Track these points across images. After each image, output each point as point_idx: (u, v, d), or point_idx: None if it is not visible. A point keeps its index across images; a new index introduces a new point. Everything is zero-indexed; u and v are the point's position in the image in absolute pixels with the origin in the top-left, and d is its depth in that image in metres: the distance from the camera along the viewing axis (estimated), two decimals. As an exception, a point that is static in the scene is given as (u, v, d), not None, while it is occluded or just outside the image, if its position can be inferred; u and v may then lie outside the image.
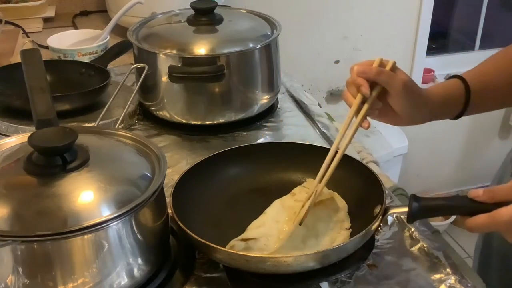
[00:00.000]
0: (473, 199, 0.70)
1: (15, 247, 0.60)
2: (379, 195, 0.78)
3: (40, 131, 0.70)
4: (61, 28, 1.60)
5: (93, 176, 0.68)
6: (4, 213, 0.62)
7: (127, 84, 1.14)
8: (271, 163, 0.92)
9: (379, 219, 0.75)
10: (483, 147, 2.79)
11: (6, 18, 1.49)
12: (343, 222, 0.82)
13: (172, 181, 0.84)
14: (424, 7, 2.32)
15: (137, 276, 0.69)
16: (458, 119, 0.94)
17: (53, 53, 1.33)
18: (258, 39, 1.10)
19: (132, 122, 1.13)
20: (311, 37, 2.21)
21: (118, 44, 1.31)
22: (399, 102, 0.80)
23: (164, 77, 1.06)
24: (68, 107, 1.08)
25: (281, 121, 1.15)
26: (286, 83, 1.32)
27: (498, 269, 1.05)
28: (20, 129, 1.03)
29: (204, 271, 0.76)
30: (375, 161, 1.06)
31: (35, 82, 0.81)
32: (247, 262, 0.70)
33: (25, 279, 0.62)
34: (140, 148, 0.76)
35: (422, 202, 0.72)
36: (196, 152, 1.04)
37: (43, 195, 0.65)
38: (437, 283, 0.74)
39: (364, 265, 0.76)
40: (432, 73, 2.58)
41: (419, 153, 2.62)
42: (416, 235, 0.81)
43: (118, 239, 0.65)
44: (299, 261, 0.70)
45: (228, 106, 1.10)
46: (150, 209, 0.69)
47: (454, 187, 2.85)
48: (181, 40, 1.09)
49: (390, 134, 2.31)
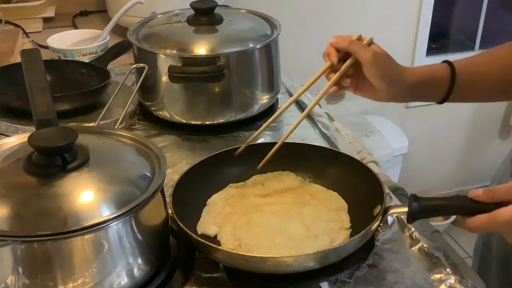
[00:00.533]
0: (473, 199, 0.70)
1: (15, 247, 0.60)
2: (379, 195, 0.78)
3: (40, 131, 0.70)
4: (61, 28, 1.60)
5: (93, 176, 0.68)
6: (4, 213, 0.62)
7: (127, 84, 1.14)
8: (271, 163, 0.92)
9: (379, 219, 0.75)
10: (483, 147, 2.79)
11: (6, 18, 1.49)
12: (343, 222, 0.82)
13: (172, 181, 0.84)
14: (424, 7, 2.32)
15: (137, 276, 0.69)
16: (458, 119, 0.94)
17: (53, 53, 1.33)
18: (258, 39, 1.10)
19: (132, 122, 1.13)
20: (311, 37, 2.21)
21: (118, 44, 1.31)
22: (371, 72, 0.83)
23: (164, 77, 1.06)
24: (68, 107, 1.08)
25: (281, 121, 1.15)
26: (286, 83, 1.32)
27: (498, 269, 1.05)
28: (20, 129, 1.03)
29: (204, 271, 0.76)
30: (375, 161, 1.05)
31: (35, 82, 0.81)
32: (247, 262, 0.70)
33: (25, 279, 0.62)
34: (140, 148, 0.76)
35: (422, 202, 0.72)
36: (196, 152, 1.04)
37: (43, 195, 0.65)
38: (437, 283, 0.74)
39: (364, 265, 0.76)
40: (432, 73, 2.57)
41: (419, 153, 2.62)
42: (416, 235, 0.81)
43: (118, 239, 0.65)
44: (299, 261, 0.70)
45: (228, 106, 1.10)
46: (150, 209, 0.69)
47: (454, 187, 2.85)
48: (181, 40, 1.09)
49: (390, 134, 2.31)
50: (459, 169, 2.84)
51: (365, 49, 0.82)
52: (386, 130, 2.32)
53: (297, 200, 0.86)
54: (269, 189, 0.88)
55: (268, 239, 0.78)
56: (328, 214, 0.83)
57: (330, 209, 0.84)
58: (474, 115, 2.65)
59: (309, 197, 0.87)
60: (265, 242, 0.77)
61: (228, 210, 0.84)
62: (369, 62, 0.82)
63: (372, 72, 0.83)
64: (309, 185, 0.90)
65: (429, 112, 2.58)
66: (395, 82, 0.85)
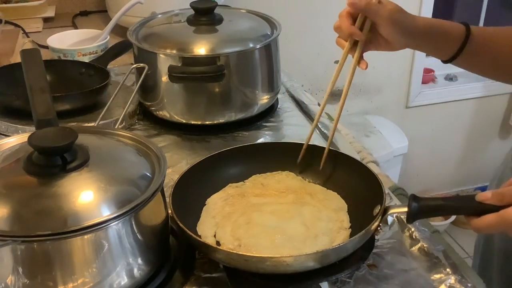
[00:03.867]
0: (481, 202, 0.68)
1: (15, 247, 0.60)
2: (379, 195, 0.78)
3: (40, 131, 0.70)
4: (61, 28, 1.60)
5: (93, 176, 0.68)
6: (4, 213, 0.62)
7: (127, 84, 1.14)
8: (271, 163, 0.92)
9: (379, 219, 0.75)
10: (483, 147, 2.79)
11: (6, 18, 1.49)
12: (342, 222, 0.82)
13: (172, 181, 0.84)
14: (424, 7, 2.32)
15: (137, 276, 0.69)
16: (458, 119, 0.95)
17: (53, 53, 1.33)
18: (258, 39, 1.10)
19: (132, 122, 1.13)
20: (311, 37, 2.21)
21: (118, 44, 1.31)
22: (389, 31, 0.85)
23: (164, 77, 1.06)
24: (68, 107, 1.08)
25: (281, 121, 1.16)
26: (286, 83, 1.32)
27: (500, 269, 1.05)
28: (20, 129, 1.03)
29: (204, 271, 0.76)
30: (375, 161, 1.05)
31: (35, 82, 0.81)
32: (247, 262, 0.70)
33: (25, 279, 0.62)
34: (140, 148, 0.76)
35: (421, 202, 0.72)
36: (196, 152, 1.04)
37: (43, 195, 0.65)
38: (437, 283, 0.74)
39: (364, 265, 0.76)
40: (432, 73, 2.58)
41: (419, 153, 2.62)
42: (416, 235, 0.81)
43: (118, 239, 0.65)
44: (299, 261, 0.70)
45: (228, 106, 1.10)
46: (150, 209, 0.69)
47: (454, 187, 2.85)
48: (181, 40, 1.09)
49: (390, 134, 2.31)
50: (459, 169, 2.84)
51: (381, 9, 0.84)
52: (386, 130, 2.32)
53: (297, 200, 0.86)
54: (269, 189, 0.88)
55: (267, 239, 0.78)
56: (328, 214, 0.83)
57: (329, 209, 0.84)
58: (474, 115, 2.66)
59: (308, 197, 0.87)
60: (264, 242, 0.77)
61: (228, 209, 0.84)
62: (387, 22, 0.84)
63: (390, 30, 0.85)
64: (309, 185, 0.90)
65: (429, 112, 2.58)
66: (411, 33, 0.86)
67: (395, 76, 2.41)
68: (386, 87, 2.44)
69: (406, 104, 2.53)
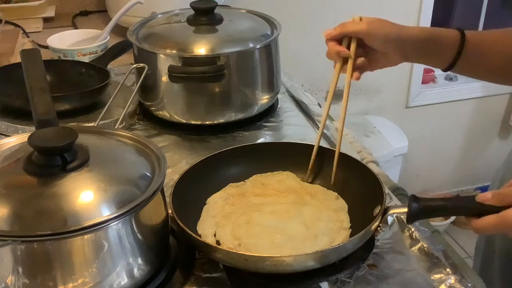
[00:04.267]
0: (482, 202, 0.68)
1: (15, 247, 0.60)
2: (379, 195, 0.78)
3: (40, 131, 0.70)
4: (61, 28, 1.60)
5: (93, 176, 0.68)
6: (4, 213, 0.62)
7: (127, 84, 1.14)
8: (271, 163, 0.92)
9: (379, 219, 0.75)
10: (483, 147, 2.79)
11: (6, 18, 1.49)
12: (342, 222, 0.82)
13: (172, 181, 0.84)
14: (424, 7, 2.32)
15: (137, 276, 0.69)
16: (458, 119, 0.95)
17: (53, 53, 1.33)
18: (258, 39, 1.10)
19: (132, 122, 1.13)
20: (311, 37, 2.20)
21: (118, 44, 1.31)
22: (373, 40, 0.87)
23: (164, 77, 1.06)
24: (68, 107, 1.08)
25: (281, 121, 1.16)
26: (286, 83, 1.32)
27: (501, 269, 1.05)
28: (20, 129, 1.03)
29: (204, 271, 0.76)
30: (375, 161, 1.05)
31: (35, 82, 0.81)
32: (246, 262, 0.70)
33: (25, 279, 0.62)
34: (140, 148, 0.76)
35: (421, 203, 0.72)
36: (196, 152, 1.04)
37: (43, 195, 0.65)
38: (437, 283, 0.74)
39: (364, 265, 0.76)
40: (432, 73, 2.58)
41: (419, 153, 2.62)
42: (416, 235, 0.81)
43: (118, 239, 0.65)
44: (299, 261, 0.70)
45: (228, 106, 1.10)
46: (150, 209, 0.69)
47: (454, 187, 2.85)
48: (181, 40, 1.09)
49: (390, 134, 2.31)
50: (459, 169, 2.84)
51: (358, 24, 0.87)
52: (386, 130, 2.32)
53: (297, 200, 0.86)
54: (269, 189, 0.89)
55: (267, 239, 0.78)
56: (328, 214, 0.83)
57: (329, 209, 0.84)
58: (474, 115, 2.65)
59: (308, 197, 0.87)
60: (264, 241, 0.77)
61: (228, 209, 0.84)
62: (366, 32, 0.86)
63: (373, 39, 0.86)
64: (309, 185, 0.90)
65: (429, 112, 2.58)
66: (399, 40, 0.87)
67: (395, 76, 2.41)
68: (386, 87, 2.44)
69: (406, 104, 2.53)
